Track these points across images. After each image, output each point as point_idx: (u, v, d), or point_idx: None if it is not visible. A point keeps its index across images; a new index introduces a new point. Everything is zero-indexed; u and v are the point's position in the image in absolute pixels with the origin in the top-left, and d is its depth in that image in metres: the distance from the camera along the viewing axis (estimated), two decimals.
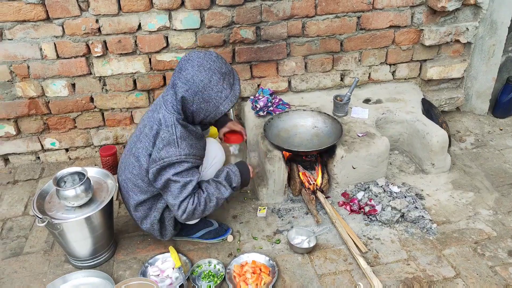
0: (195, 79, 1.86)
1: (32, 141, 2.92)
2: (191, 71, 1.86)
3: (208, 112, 1.94)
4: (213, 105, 1.91)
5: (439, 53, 3.08)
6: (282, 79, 3.01)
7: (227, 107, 1.93)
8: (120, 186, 2.18)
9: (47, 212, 2.05)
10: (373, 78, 3.14)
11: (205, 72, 1.85)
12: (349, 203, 2.51)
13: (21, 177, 2.91)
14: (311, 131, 2.71)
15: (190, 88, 1.87)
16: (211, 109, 1.92)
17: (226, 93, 1.91)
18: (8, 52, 2.59)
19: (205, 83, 1.86)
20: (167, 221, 2.16)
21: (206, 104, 1.91)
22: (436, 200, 2.55)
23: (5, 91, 2.71)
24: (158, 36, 2.69)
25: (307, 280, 2.09)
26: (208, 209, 2.01)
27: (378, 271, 2.10)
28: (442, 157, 2.70)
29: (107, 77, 2.78)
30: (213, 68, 1.87)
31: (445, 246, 2.23)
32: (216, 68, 1.87)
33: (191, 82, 1.86)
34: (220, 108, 1.93)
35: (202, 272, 2.14)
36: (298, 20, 2.80)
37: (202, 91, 1.87)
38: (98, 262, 2.22)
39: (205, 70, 1.86)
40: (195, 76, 1.85)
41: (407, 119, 2.83)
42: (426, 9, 2.89)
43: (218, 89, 1.88)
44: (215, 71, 1.87)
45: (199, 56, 1.89)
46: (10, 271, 2.22)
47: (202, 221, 2.32)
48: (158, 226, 2.15)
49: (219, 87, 1.88)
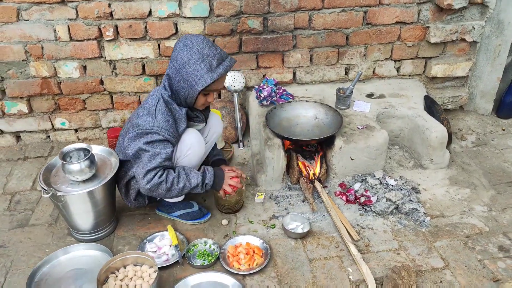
0: (177, 57, 1.98)
1: (43, 120, 3.03)
2: (177, 50, 2.00)
3: (186, 90, 2.02)
4: (189, 83, 1.99)
5: (445, 51, 3.11)
6: (287, 70, 3.07)
7: (201, 86, 1.98)
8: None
9: (52, 185, 2.14)
10: (377, 73, 3.18)
11: (187, 51, 1.96)
12: (346, 193, 2.57)
13: (31, 154, 3.03)
14: (312, 122, 2.76)
15: (173, 66, 2.01)
16: (188, 87, 2.01)
17: (202, 73, 1.96)
18: (24, 32, 2.69)
19: (184, 60, 1.96)
20: (131, 189, 2.28)
21: (184, 82, 2.00)
22: (432, 194, 2.58)
23: (20, 70, 2.82)
24: (168, 22, 2.77)
25: (298, 263, 2.15)
26: (173, 190, 2.08)
27: (368, 258, 2.15)
28: (441, 153, 2.73)
29: (117, 61, 2.87)
30: (195, 48, 1.96)
31: (437, 239, 2.27)
32: (198, 48, 1.96)
33: (175, 60, 2.00)
34: (195, 86, 1.99)
35: (198, 251, 2.22)
36: (305, 13, 2.85)
37: (181, 69, 1.98)
38: (99, 236, 2.31)
39: (187, 49, 1.96)
40: (179, 54, 1.98)
41: (408, 115, 2.87)
42: (433, 6, 2.91)
43: (194, 67, 1.96)
44: (196, 51, 1.96)
45: (186, 37, 2.01)
46: (15, 241, 2.33)
47: (183, 201, 2.40)
48: (124, 190, 2.29)
49: (196, 66, 1.96)
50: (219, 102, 3.08)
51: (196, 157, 2.24)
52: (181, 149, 2.17)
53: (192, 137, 2.19)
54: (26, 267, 2.16)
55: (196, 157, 2.24)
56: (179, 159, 2.19)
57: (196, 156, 2.23)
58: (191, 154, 2.20)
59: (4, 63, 2.78)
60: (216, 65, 2.00)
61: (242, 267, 2.11)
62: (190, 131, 2.20)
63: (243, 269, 2.10)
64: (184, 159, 2.20)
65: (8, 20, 2.64)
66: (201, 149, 2.25)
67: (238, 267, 2.11)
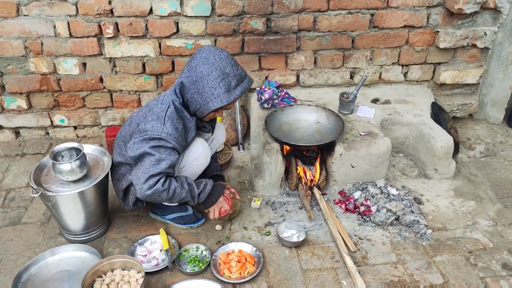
0: (196, 69, 1.91)
1: (42, 116, 3.01)
2: (197, 61, 1.92)
3: (198, 104, 1.96)
4: (204, 99, 1.93)
5: (455, 57, 3.00)
6: (291, 73, 2.99)
7: (216, 105, 1.93)
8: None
9: (42, 184, 2.10)
10: (383, 78, 3.08)
11: (208, 65, 1.89)
12: (345, 202, 2.48)
13: (29, 151, 3.00)
14: (313, 127, 2.68)
15: (190, 76, 1.93)
16: (201, 102, 1.95)
17: (219, 92, 1.90)
18: (23, 27, 2.67)
19: (204, 75, 1.90)
20: (130, 194, 2.22)
21: (199, 95, 1.94)
22: (435, 206, 2.48)
23: (19, 66, 2.80)
24: (169, 21, 2.71)
25: (291, 273, 2.08)
26: (173, 200, 2.04)
27: (364, 271, 2.07)
28: (446, 163, 2.63)
29: (117, 58, 2.82)
30: (216, 64, 1.89)
31: (437, 253, 2.18)
32: (219, 65, 1.89)
33: (193, 71, 1.92)
34: (209, 104, 1.93)
35: (189, 256, 2.16)
36: (310, 14, 2.77)
37: (198, 82, 1.91)
38: (90, 238, 2.27)
39: (208, 64, 1.89)
40: (198, 66, 1.91)
41: (413, 122, 2.77)
42: (443, 10, 2.81)
43: (213, 85, 1.90)
44: (217, 68, 1.89)
45: (210, 50, 1.94)
46: (6, 239, 2.30)
47: (178, 205, 2.34)
48: (122, 194, 2.23)
49: (215, 83, 1.90)
50: None
51: (200, 168, 2.22)
52: (188, 158, 2.12)
53: (200, 148, 2.15)
54: (15, 266, 2.13)
55: (200, 168, 2.22)
56: (183, 168, 2.15)
57: (200, 168, 2.21)
58: (196, 165, 2.17)
59: (3, 58, 2.76)
60: (235, 86, 1.93)
61: (232, 276, 2.05)
62: (199, 141, 2.16)
63: (233, 278, 2.04)
64: (189, 169, 2.16)
65: (8, 15, 2.61)
66: (206, 161, 2.22)
67: (229, 275, 2.05)
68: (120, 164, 2.19)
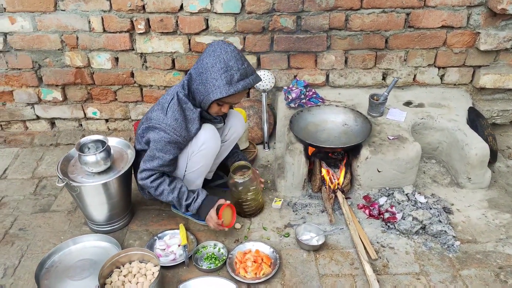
0: (203, 61, 1.97)
1: (76, 108, 3.11)
2: (205, 54, 1.98)
3: (202, 95, 2.00)
4: (206, 90, 1.96)
5: (496, 60, 2.83)
6: (320, 72, 2.93)
7: (215, 96, 1.94)
8: None
9: (68, 175, 2.17)
10: (418, 80, 2.96)
11: (213, 57, 1.93)
12: (369, 207, 2.40)
13: (63, 141, 3.12)
14: (340, 128, 2.62)
15: (197, 67, 1.99)
16: (204, 92, 1.98)
17: (220, 83, 1.92)
18: (60, 22, 2.76)
19: (208, 66, 1.94)
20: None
21: (202, 86, 1.97)
22: (466, 216, 2.36)
23: (56, 59, 2.90)
24: (199, 18, 2.72)
25: (308, 278, 2.03)
26: (159, 198, 2.16)
27: (383, 280, 2.00)
28: (481, 172, 2.49)
29: (148, 54, 2.87)
30: (221, 57, 1.92)
31: (464, 266, 2.06)
32: (224, 58, 1.92)
33: (200, 63, 1.98)
34: (210, 95, 1.96)
35: (206, 253, 2.16)
36: (342, 12, 2.69)
37: (203, 73, 1.96)
38: (112, 229, 2.32)
39: (213, 56, 1.94)
40: (205, 58, 1.96)
41: (448, 127, 2.64)
42: (485, 10, 2.65)
43: (215, 76, 1.93)
44: (221, 60, 1.92)
45: (218, 44, 1.98)
46: (35, 225, 2.39)
47: None
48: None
49: (217, 75, 1.92)
50: (247, 101, 3.01)
51: (211, 153, 2.19)
52: (196, 143, 2.12)
53: (207, 132, 2.13)
54: (40, 252, 2.21)
55: (211, 153, 2.19)
56: (192, 154, 2.15)
57: (210, 152, 2.18)
58: (205, 149, 2.15)
59: (41, 51, 2.87)
60: (237, 80, 1.93)
61: (248, 275, 2.03)
62: (206, 126, 2.15)
63: (248, 278, 2.02)
64: (198, 155, 2.15)
65: (46, 9, 2.71)
66: (216, 145, 2.19)
67: (244, 275, 2.03)
68: (139, 154, 2.25)
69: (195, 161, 2.16)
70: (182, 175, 2.22)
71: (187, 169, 2.19)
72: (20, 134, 3.16)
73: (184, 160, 2.16)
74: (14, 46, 2.83)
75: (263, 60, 2.87)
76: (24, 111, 3.10)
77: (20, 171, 2.83)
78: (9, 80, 2.97)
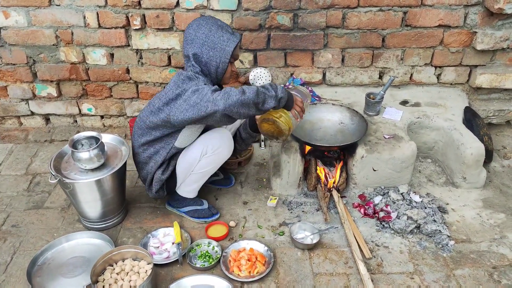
0: (197, 35, 2.03)
1: (71, 104, 3.09)
2: (192, 32, 2.04)
3: (217, 57, 2.03)
4: (219, 48, 2.02)
5: (493, 60, 2.83)
6: (317, 71, 2.92)
7: (232, 46, 2.02)
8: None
9: (62, 171, 2.15)
10: (415, 80, 2.95)
11: (204, 27, 2.03)
12: (364, 206, 2.40)
13: (58, 137, 3.09)
14: (336, 127, 2.61)
15: (195, 44, 2.03)
16: (219, 53, 2.02)
17: (227, 37, 2.03)
18: (55, 17, 2.73)
19: (206, 33, 2.02)
20: (155, 181, 2.21)
21: (213, 50, 2.02)
22: (461, 216, 2.36)
23: (50, 54, 2.87)
24: (195, 14, 2.70)
25: (302, 276, 2.03)
26: (247, 95, 1.85)
27: (377, 279, 1.99)
28: (476, 172, 2.49)
29: (144, 50, 2.85)
30: (209, 23, 2.04)
31: (458, 266, 2.06)
32: (211, 22, 2.05)
33: (195, 39, 2.03)
34: (226, 48, 2.02)
35: (200, 251, 2.15)
36: (339, 10, 2.68)
37: (206, 40, 2.01)
38: (106, 226, 2.31)
39: (203, 26, 2.03)
40: (197, 33, 2.03)
41: (443, 127, 2.64)
42: (482, 9, 2.65)
43: (219, 35, 2.02)
44: (212, 24, 2.04)
45: (195, 20, 2.08)
46: (28, 221, 2.37)
47: (194, 198, 2.34)
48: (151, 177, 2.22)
49: (220, 33, 2.02)
50: None
51: (222, 159, 2.22)
52: (212, 145, 2.12)
53: (226, 137, 2.17)
54: (33, 249, 2.20)
55: (222, 158, 2.21)
56: (206, 155, 2.15)
57: (222, 158, 2.21)
58: (219, 154, 2.17)
59: (36, 47, 2.84)
60: (232, 31, 2.08)
61: (242, 274, 2.02)
62: (225, 132, 2.19)
63: (242, 276, 2.01)
64: (211, 157, 2.15)
65: (40, 4, 2.68)
66: (229, 152, 2.22)
67: (238, 273, 2.02)
68: (145, 148, 2.16)
69: (205, 162, 2.16)
70: (189, 173, 2.21)
71: (195, 168, 2.18)
72: (14, 130, 3.14)
73: (196, 158, 2.14)
74: (8, 41, 2.81)
75: (259, 57, 2.85)
76: (19, 106, 3.08)
77: (13, 167, 2.81)
78: (3, 76, 2.95)
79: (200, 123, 2.01)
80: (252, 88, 1.89)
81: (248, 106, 1.87)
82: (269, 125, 2.07)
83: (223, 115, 1.87)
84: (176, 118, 1.95)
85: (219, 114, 1.86)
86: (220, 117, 1.89)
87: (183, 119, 1.93)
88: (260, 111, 1.95)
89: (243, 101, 1.84)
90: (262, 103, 1.90)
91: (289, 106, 2.03)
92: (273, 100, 1.92)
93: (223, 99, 1.85)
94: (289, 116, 2.05)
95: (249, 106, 1.87)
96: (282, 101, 1.96)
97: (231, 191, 2.58)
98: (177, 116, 1.94)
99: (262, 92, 1.89)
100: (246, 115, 1.91)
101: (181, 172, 2.21)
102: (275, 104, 1.93)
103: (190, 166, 2.17)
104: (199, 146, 2.13)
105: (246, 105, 1.86)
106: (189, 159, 2.15)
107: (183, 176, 2.22)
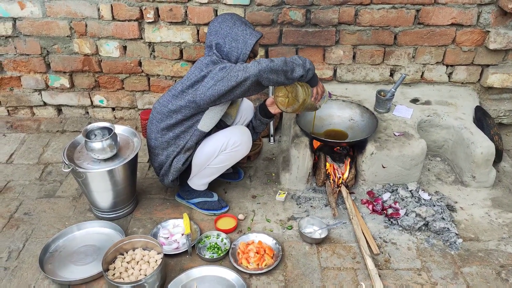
0: (222, 27, 2.10)
1: (83, 96, 3.12)
2: (217, 25, 2.11)
3: (239, 49, 2.08)
4: (242, 41, 2.08)
5: (505, 60, 2.82)
6: (328, 67, 2.92)
7: (254, 39, 2.08)
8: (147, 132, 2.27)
9: (75, 161, 2.18)
10: (426, 78, 2.95)
11: (228, 21, 2.11)
12: (373, 203, 2.41)
13: (69, 128, 3.13)
14: (346, 123, 2.62)
15: (219, 35, 2.10)
16: (241, 45, 2.08)
17: (249, 31, 2.10)
18: (70, 8, 2.76)
19: (230, 26, 2.09)
20: (172, 168, 2.21)
21: (236, 42, 2.08)
22: (469, 215, 2.36)
23: (64, 46, 2.91)
24: (208, 8, 2.72)
25: (309, 270, 2.04)
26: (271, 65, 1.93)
27: (385, 275, 2.01)
28: (485, 171, 2.49)
29: (156, 43, 2.87)
30: (234, 18, 2.13)
31: (466, 264, 2.07)
32: (236, 18, 2.13)
33: (220, 30, 2.10)
34: (248, 41, 2.08)
35: (209, 243, 2.18)
36: (351, 7, 2.68)
37: (230, 32, 2.08)
38: (116, 216, 2.34)
39: (228, 20, 2.11)
40: (221, 25, 2.10)
41: (454, 125, 2.63)
42: (495, 9, 2.64)
43: (242, 28, 2.09)
44: (236, 19, 2.12)
45: (221, 15, 2.16)
46: (40, 210, 2.41)
47: (204, 190, 2.36)
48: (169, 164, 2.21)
49: (243, 27, 2.10)
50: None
51: (239, 156, 2.26)
52: (232, 141, 2.16)
53: (246, 135, 2.22)
54: (45, 237, 2.23)
55: (239, 156, 2.25)
56: (224, 151, 2.18)
57: (239, 155, 2.25)
58: (238, 151, 2.21)
59: (50, 38, 2.87)
60: (253, 28, 2.16)
61: (250, 266, 2.04)
62: (246, 130, 2.24)
63: (250, 268, 2.03)
64: (229, 153, 2.19)
65: None
66: (247, 150, 2.26)
67: (246, 266, 2.05)
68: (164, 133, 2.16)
69: (222, 158, 2.20)
70: (204, 166, 2.24)
71: (211, 163, 2.22)
72: (27, 120, 3.18)
73: (215, 152, 2.17)
74: (23, 31, 2.84)
75: (271, 52, 2.86)
76: (32, 97, 3.12)
77: (26, 157, 2.85)
78: (17, 66, 2.99)
79: (226, 99, 2.02)
80: (280, 58, 1.98)
81: (277, 72, 1.95)
82: (287, 91, 2.13)
83: (253, 81, 1.94)
84: (204, 96, 2.00)
85: (249, 80, 1.93)
86: (249, 85, 1.96)
87: (212, 95, 1.98)
88: (288, 80, 2.01)
89: (273, 67, 1.93)
90: (291, 72, 1.98)
91: (315, 82, 2.11)
92: (301, 68, 2.00)
93: (254, 65, 1.93)
94: (310, 91, 2.12)
95: (278, 72, 1.95)
96: (310, 73, 2.04)
97: (240, 184, 2.60)
98: (204, 93, 1.99)
99: (291, 62, 1.98)
100: (275, 81, 1.98)
101: (196, 165, 2.23)
102: (303, 73, 2.00)
103: (207, 160, 2.20)
104: (220, 140, 2.17)
105: (275, 72, 1.94)
106: (208, 153, 2.18)
107: (197, 169, 2.24)
